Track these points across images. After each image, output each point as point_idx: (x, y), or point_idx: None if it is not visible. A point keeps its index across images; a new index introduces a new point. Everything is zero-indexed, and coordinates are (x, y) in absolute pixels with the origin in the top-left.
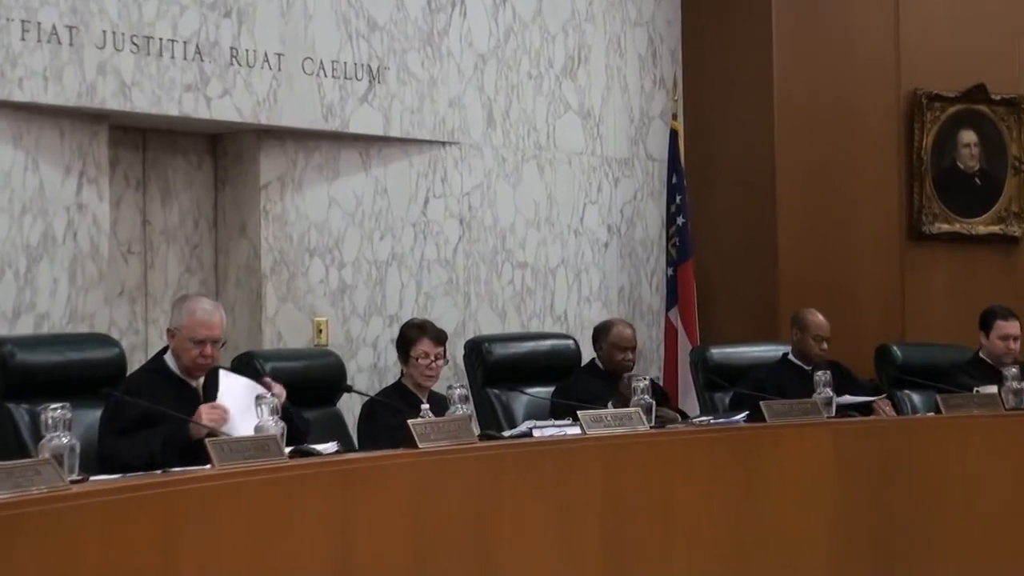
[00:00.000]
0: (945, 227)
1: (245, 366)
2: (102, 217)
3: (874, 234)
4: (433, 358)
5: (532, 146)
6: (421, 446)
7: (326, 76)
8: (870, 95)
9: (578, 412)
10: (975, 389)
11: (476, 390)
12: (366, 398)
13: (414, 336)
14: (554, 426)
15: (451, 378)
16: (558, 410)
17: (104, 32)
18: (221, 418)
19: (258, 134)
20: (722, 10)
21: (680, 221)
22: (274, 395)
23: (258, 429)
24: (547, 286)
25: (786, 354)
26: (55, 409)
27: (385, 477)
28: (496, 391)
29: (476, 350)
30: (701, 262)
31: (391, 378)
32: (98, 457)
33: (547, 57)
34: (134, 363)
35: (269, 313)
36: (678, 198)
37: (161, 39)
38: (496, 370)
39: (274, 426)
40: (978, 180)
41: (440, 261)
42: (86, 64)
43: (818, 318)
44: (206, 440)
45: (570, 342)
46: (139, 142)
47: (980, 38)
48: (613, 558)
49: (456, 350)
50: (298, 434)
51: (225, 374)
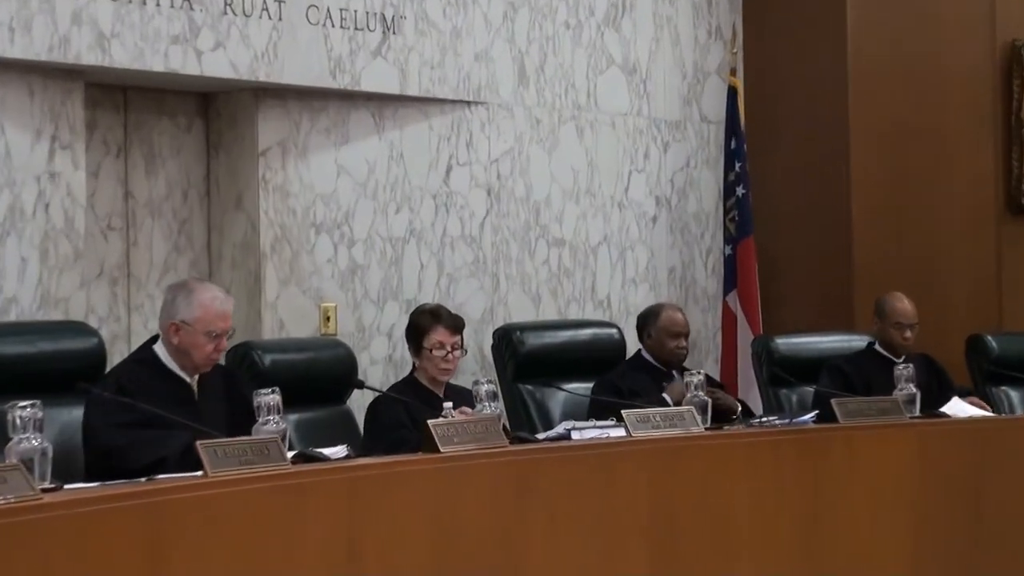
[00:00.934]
0: None
1: (241, 359)
2: (77, 188)
3: (964, 207)
4: (449, 348)
5: (570, 106)
6: (443, 450)
7: (334, 26)
8: (960, 47)
9: (622, 411)
10: None
11: (506, 385)
12: (378, 395)
13: (426, 324)
14: (595, 427)
15: (477, 372)
16: (599, 409)
17: None
18: None
19: (256, 93)
20: None
21: (739, 192)
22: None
23: (256, 430)
24: (587, 266)
25: (872, 343)
26: (24, 407)
27: (401, 486)
28: (529, 387)
29: (506, 340)
30: (763, 239)
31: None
32: (95, 452)
33: (587, 4)
34: (115, 355)
35: (269, 298)
36: (737, 165)
37: None
38: (529, 363)
39: (275, 426)
40: None
41: (465, 238)
42: (58, 13)
43: (901, 304)
44: (197, 443)
45: (613, 331)
46: (119, 102)
47: None
48: None
49: (483, 340)
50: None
51: None
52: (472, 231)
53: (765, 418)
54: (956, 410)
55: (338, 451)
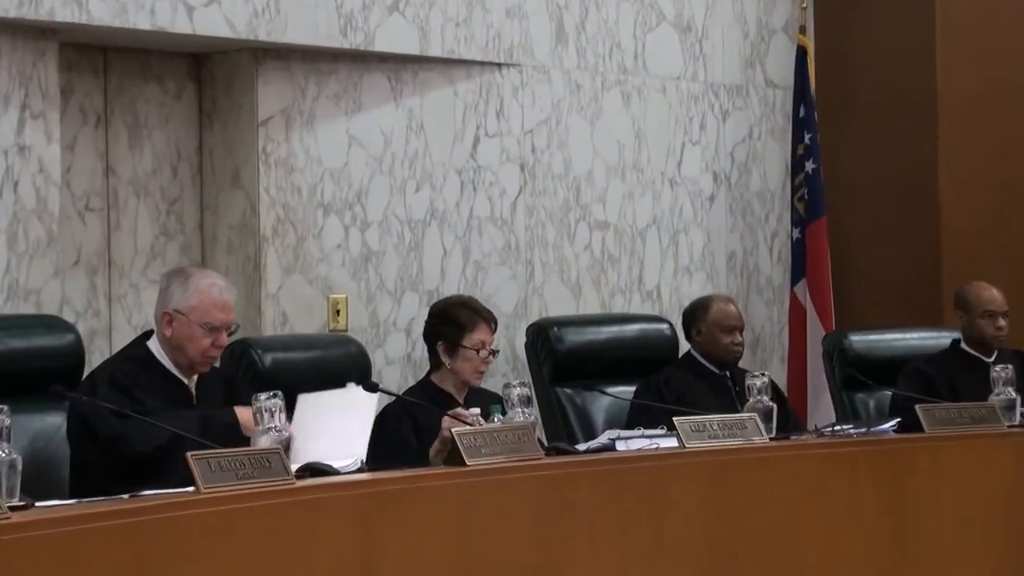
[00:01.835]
0: None
1: (239, 358)
2: (51, 163)
3: None
4: (489, 350)
5: (615, 69)
6: (470, 463)
7: None
8: None
9: (675, 419)
10: None
11: (542, 389)
12: (389, 401)
13: (467, 320)
14: (643, 437)
15: (509, 373)
16: (646, 415)
17: None
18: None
19: (255, 54)
20: None
21: (810, 167)
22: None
23: (255, 440)
24: (634, 253)
25: (957, 341)
26: None
27: (422, 504)
28: (568, 390)
29: (542, 337)
30: (837, 221)
31: None
32: (107, 440)
33: None
34: (94, 353)
35: (270, 288)
36: (807, 136)
37: None
38: (568, 363)
39: (277, 435)
40: None
41: (494, 220)
42: None
43: (987, 292)
44: (188, 455)
45: (664, 326)
46: (99, 65)
47: None
48: None
49: (516, 336)
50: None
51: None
52: (503, 212)
53: (839, 427)
54: None
55: (350, 464)
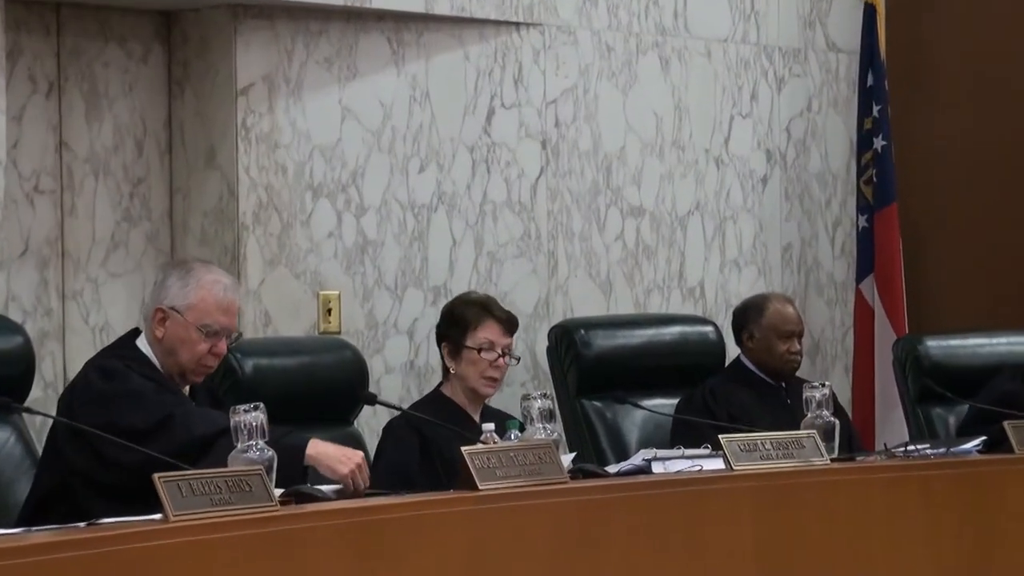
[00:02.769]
0: None
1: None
2: None
3: None
4: (500, 352)
5: (652, 29)
6: (482, 487)
7: None
8: None
9: (721, 437)
10: None
11: (566, 401)
12: (395, 416)
13: (473, 317)
14: (684, 457)
15: (528, 383)
16: (688, 432)
17: None
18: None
19: (234, 11)
20: None
21: (879, 145)
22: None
23: (233, 460)
24: (674, 244)
25: None
26: None
27: (426, 534)
28: (596, 403)
29: (566, 340)
30: (911, 207)
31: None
32: (148, 431)
33: None
34: (45, 358)
35: (251, 283)
36: (876, 109)
37: None
38: (597, 371)
39: (258, 455)
40: None
41: (511, 205)
42: None
43: None
44: (154, 477)
45: (708, 329)
46: (51, 24)
47: None
48: None
49: (536, 340)
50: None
51: None
52: (521, 196)
53: (912, 446)
54: None
55: (342, 487)
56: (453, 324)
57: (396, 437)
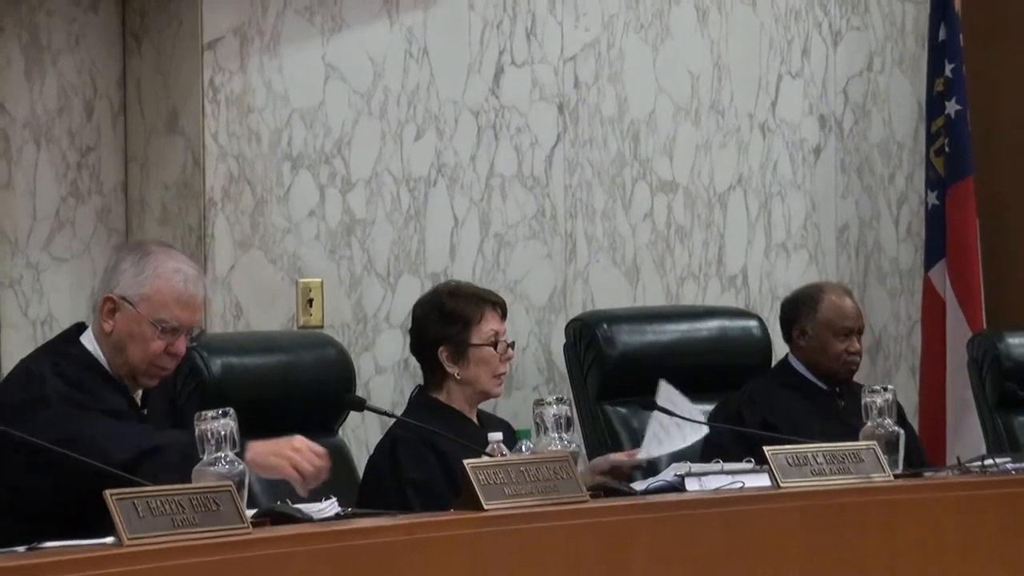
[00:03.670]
0: None
1: (179, 364)
2: None
3: None
4: (508, 343)
5: None
6: (488, 506)
7: None
8: None
9: (766, 449)
10: None
11: (585, 407)
12: (392, 421)
13: (471, 311)
14: (723, 472)
15: (542, 386)
16: (727, 443)
17: None
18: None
19: None
20: None
21: (952, 110)
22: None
23: (199, 475)
24: (711, 224)
25: None
26: None
27: (422, 562)
28: (621, 409)
29: (587, 337)
30: (990, 183)
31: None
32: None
33: None
34: None
35: (220, 269)
36: (948, 68)
37: None
38: (621, 372)
39: (227, 468)
40: None
41: (523, 179)
42: None
43: None
44: (106, 494)
45: (752, 323)
46: None
47: None
48: None
49: (551, 336)
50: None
51: None
52: (535, 168)
53: (989, 460)
54: None
55: (325, 507)
56: (450, 322)
57: (414, 453)
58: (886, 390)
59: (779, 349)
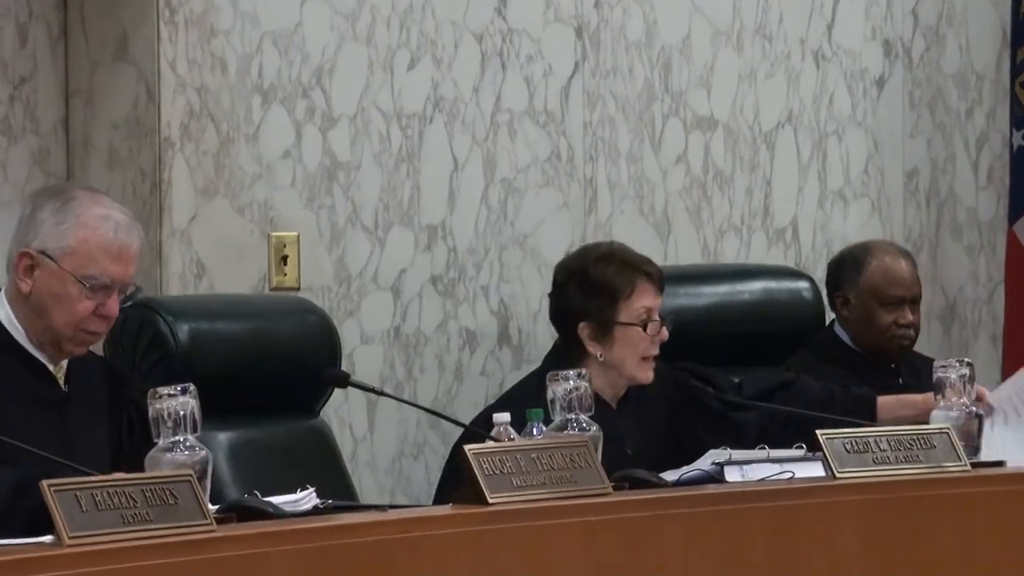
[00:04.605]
0: None
1: (136, 330)
2: None
3: None
4: (661, 321)
5: None
6: (493, 499)
7: None
8: None
9: (819, 433)
10: None
11: None
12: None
13: (622, 282)
14: (769, 460)
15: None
16: (773, 425)
17: None
18: None
19: None
20: None
21: None
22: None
23: (152, 461)
24: (757, 168)
25: None
26: None
27: (417, 563)
28: None
29: None
30: None
31: (457, 357)
32: None
33: None
34: None
35: (178, 221)
36: None
37: None
38: None
39: (187, 455)
40: None
41: (534, 115)
42: None
43: None
44: (44, 484)
45: (803, 284)
46: None
47: None
48: None
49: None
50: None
51: None
52: (548, 103)
53: None
54: None
55: (302, 499)
56: (596, 293)
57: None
58: (962, 363)
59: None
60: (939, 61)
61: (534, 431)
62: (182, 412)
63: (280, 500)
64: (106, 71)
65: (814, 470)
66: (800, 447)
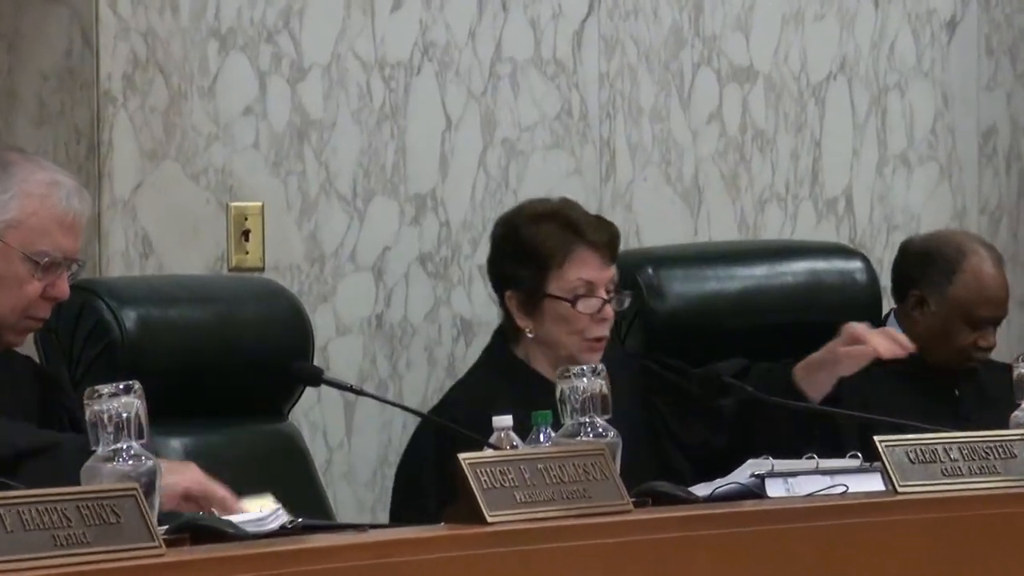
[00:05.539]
0: None
1: (75, 318)
2: None
3: None
4: (604, 296)
5: None
6: (493, 518)
7: None
8: None
9: (877, 440)
10: None
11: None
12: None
13: (554, 245)
14: (818, 472)
15: None
16: (823, 432)
17: None
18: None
19: None
20: None
21: None
22: None
23: (90, 473)
24: (802, 128)
25: None
26: None
27: None
28: None
29: (629, 283)
30: None
31: (449, 350)
32: None
33: None
34: None
35: (120, 189)
36: None
37: None
38: (676, 331)
39: (130, 464)
40: None
41: (539, 63)
42: None
43: None
44: None
45: (856, 264)
46: None
47: None
48: None
49: None
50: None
51: None
52: (557, 50)
53: None
54: None
55: (267, 517)
56: (524, 258)
57: (415, 453)
58: None
59: (889, 300)
60: (1022, 1)
61: (541, 437)
62: (125, 414)
63: (241, 519)
64: (34, 12)
65: (871, 483)
66: (855, 456)
